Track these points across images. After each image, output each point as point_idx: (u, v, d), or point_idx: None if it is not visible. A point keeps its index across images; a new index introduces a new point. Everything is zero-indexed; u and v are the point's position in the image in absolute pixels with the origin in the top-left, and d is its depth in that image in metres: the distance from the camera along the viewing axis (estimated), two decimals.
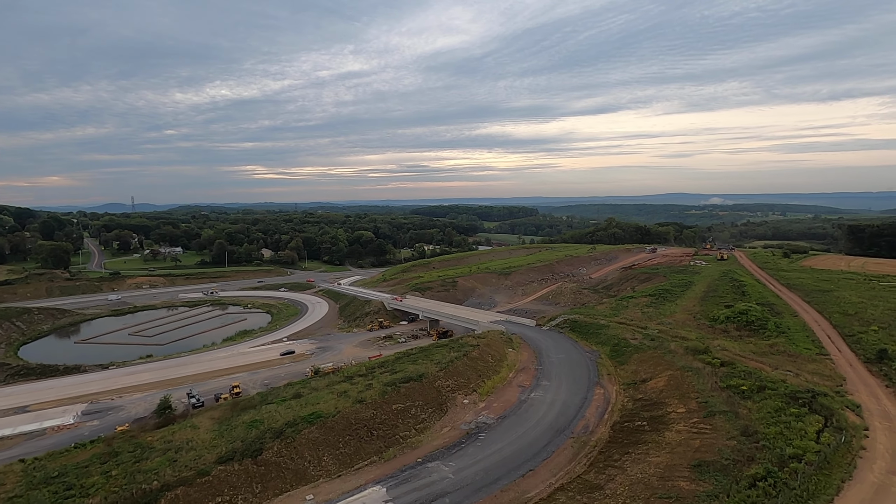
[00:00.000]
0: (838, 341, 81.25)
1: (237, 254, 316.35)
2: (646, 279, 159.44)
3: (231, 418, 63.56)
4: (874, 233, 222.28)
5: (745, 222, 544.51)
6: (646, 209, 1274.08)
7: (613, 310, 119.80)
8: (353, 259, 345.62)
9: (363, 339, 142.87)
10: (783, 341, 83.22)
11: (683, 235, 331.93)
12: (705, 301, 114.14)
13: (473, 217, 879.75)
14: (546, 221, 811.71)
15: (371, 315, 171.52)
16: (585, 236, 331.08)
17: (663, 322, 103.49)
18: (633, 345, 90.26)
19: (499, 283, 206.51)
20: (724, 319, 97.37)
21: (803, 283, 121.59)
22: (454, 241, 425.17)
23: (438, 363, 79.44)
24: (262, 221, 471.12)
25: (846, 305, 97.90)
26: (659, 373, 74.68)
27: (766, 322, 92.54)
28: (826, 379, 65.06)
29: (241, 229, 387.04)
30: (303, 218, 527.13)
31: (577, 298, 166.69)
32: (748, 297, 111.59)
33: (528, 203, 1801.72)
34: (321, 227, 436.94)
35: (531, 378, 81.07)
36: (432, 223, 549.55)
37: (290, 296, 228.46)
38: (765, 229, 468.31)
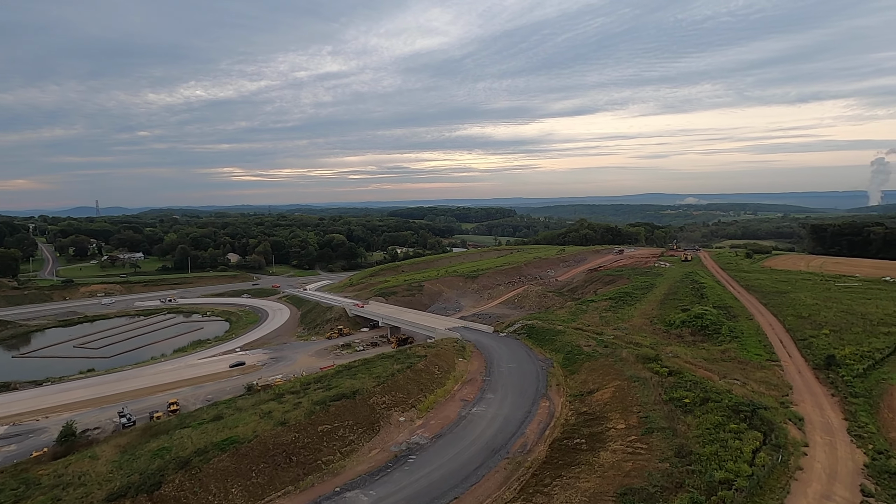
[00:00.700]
0: (790, 346, 79.39)
1: (201, 259, 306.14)
2: (610, 281, 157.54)
3: (138, 446, 57.93)
4: (835, 232, 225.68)
5: (717, 222, 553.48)
6: (623, 209, 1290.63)
7: (572, 314, 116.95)
8: (324, 263, 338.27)
9: (320, 348, 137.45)
10: (735, 347, 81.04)
11: (654, 236, 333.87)
12: (664, 304, 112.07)
13: (451, 218, 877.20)
14: (523, 222, 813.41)
15: (332, 322, 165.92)
16: (558, 237, 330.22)
17: (619, 327, 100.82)
18: (586, 352, 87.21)
19: (466, 286, 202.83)
20: (680, 324, 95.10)
21: (762, 284, 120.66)
22: (428, 243, 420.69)
23: (378, 377, 74.88)
24: (232, 225, 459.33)
25: (801, 308, 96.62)
26: (607, 383, 71.54)
27: (720, 326, 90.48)
28: (772, 388, 62.62)
29: (209, 233, 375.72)
30: (275, 221, 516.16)
31: (542, 302, 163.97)
32: (706, 300, 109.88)
33: (509, 204, 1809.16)
34: (292, 231, 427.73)
35: (477, 390, 77.14)
36: (407, 225, 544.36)
37: (252, 302, 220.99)
38: (735, 229, 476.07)
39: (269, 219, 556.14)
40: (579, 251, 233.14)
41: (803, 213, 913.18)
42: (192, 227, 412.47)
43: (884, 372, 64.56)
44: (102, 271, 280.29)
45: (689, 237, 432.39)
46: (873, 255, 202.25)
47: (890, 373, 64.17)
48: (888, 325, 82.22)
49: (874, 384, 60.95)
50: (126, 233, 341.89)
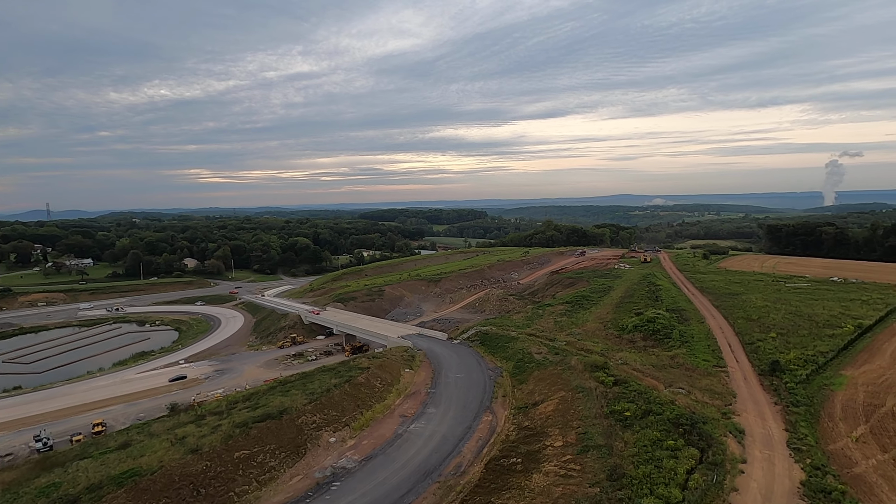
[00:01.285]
0: (738, 350, 78.19)
1: (155, 265, 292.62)
2: (570, 284, 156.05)
3: (25, 482, 51.45)
4: (790, 232, 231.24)
5: (681, 222, 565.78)
6: (593, 210, 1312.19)
7: (528, 319, 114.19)
8: (287, 267, 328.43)
9: (270, 358, 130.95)
10: (684, 352, 79.38)
11: (620, 237, 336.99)
12: (619, 308, 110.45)
13: (423, 220, 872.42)
14: (494, 224, 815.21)
15: (286, 330, 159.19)
16: (525, 239, 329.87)
17: (573, 333, 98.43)
18: (537, 360, 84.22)
19: (428, 290, 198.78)
20: (632, 328, 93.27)
21: (716, 286, 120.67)
22: (396, 245, 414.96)
23: (311, 393, 69.86)
24: (193, 228, 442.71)
25: (751, 310, 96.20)
26: (553, 394, 68.50)
27: (671, 331, 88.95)
28: (716, 397, 60.64)
29: (166, 238, 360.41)
30: (238, 224, 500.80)
31: (503, 306, 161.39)
32: (661, 303, 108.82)
33: (482, 205, 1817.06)
34: (255, 234, 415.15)
35: (419, 404, 72.97)
36: (376, 228, 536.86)
37: (206, 310, 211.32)
38: (698, 229, 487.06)
39: (234, 222, 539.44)
40: (543, 253, 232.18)
41: (763, 213, 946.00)
42: (148, 232, 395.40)
43: (826, 377, 63.51)
44: (46, 279, 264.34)
45: (653, 238, 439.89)
46: (825, 254, 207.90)
47: (832, 378, 63.14)
48: (833, 326, 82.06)
49: (816, 391, 59.66)
50: (75, 237, 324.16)
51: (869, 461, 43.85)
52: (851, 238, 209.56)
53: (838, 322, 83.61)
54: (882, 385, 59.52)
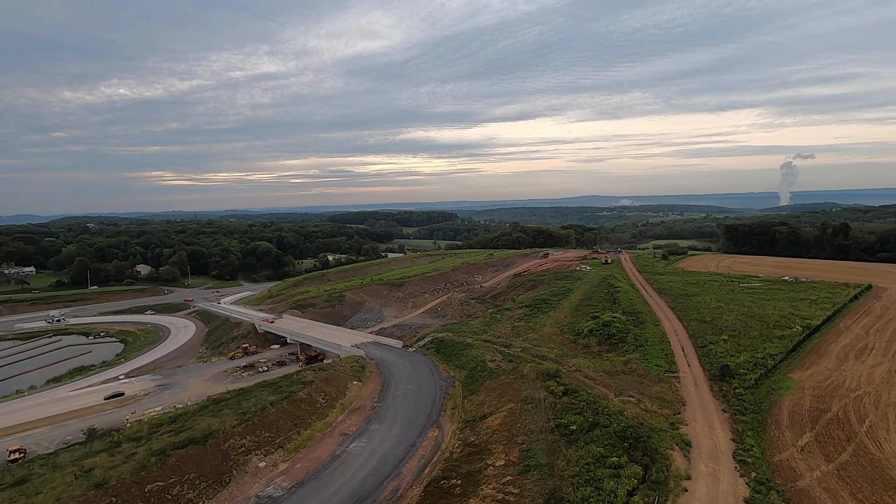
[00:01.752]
0: (691, 354, 77.11)
1: (104, 272, 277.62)
2: (531, 287, 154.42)
3: None
4: (746, 232, 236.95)
5: (645, 223, 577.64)
6: (562, 211, 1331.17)
7: (486, 325, 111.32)
8: (248, 273, 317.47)
9: (219, 371, 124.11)
10: (638, 357, 77.78)
11: (585, 238, 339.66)
12: (577, 311, 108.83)
13: (392, 223, 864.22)
14: (464, 226, 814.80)
15: (238, 340, 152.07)
16: (491, 241, 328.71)
17: (529, 338, 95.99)
18: (490, 368, 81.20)
19: (390, 295, 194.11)
20: (588, 333, 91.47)
21: (673, 287, 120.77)
22: (363, 249, 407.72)
23: (244, 413, 64.68)
24: (148, 233, 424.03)
25: (705, 311, 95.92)
26: (502, 405, 65.47)
27: (626, 334, 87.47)
28: (665, 406, 58.79)
29: (118, 243, 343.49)
30: (199, 228, 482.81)
31: (464, 310, 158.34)
32: (618, 306, 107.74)
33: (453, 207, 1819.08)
34: (215, 239, 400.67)
35: (362, 420, 68.74)
36: (344, 230, 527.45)
37: (156, 319, 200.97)
38: (661, 229, 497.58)
39: (193, 226, 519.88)
40: (508, 255, 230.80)
41: (723, 213, 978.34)
42: (100, 237, 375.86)
43: (774, 381, 62.64)
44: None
45: (618, 238, 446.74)
46: (779, 253, 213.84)
47: (780, 381, 62.31)
48: (782, 327, 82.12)
49: (764, 396, 58.52)
50: (16, 244, 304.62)
51: (813, 473, 42.30)
52: (803, 237, 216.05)
53: (788, 323, 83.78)
54: (828, 388, 58.89)
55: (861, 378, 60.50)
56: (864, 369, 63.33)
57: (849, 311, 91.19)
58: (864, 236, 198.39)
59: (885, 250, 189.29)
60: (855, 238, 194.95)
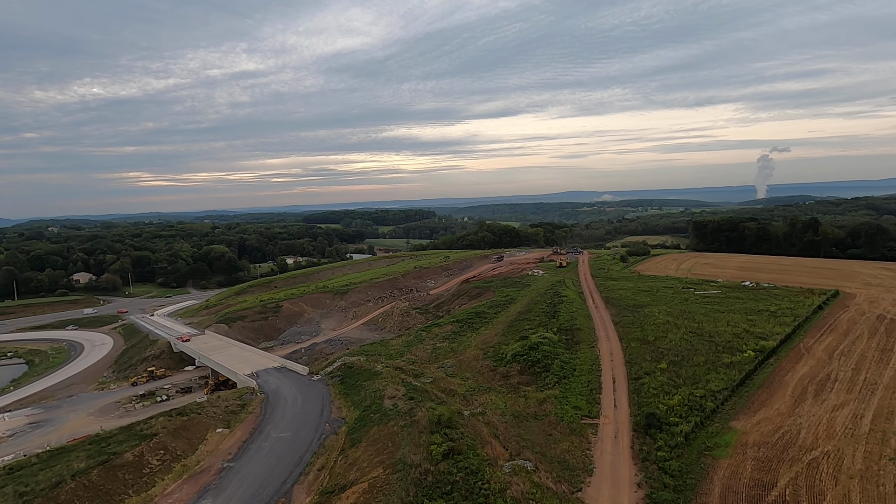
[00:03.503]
0: (621, 388, 63.38)
1: (36, 282, 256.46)
2: (476, 295, 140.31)
3: None
4: (715, 228, 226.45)
5: (621, 219, 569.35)
6: (544, 207, 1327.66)
7: (407, 345, 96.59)
8: (198, 279, 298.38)
9: (112, 401, 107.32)
10: (558, 394, 63.82)
11: (555, 236, 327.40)
12: (510, 328, 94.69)
13: (369, 222, 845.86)
14: (442, 224, 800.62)
15: (149, 361, 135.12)
16: (457, 241, 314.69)
17: (446, 365, 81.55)
18: (385, 409, 66.54)
19: (332, 304, 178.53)
20: (511, 358, 77.31)
21: (622, 295, 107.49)
22: (327, 251, 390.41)
23: (23, 495, 48.84)
24: (100, 238, 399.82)
25: (650, 328, 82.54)
26: (371, 470, 50.82)
27: (553, 361, 73.50)
28: (567, 475, 44.70)
29: (60, 250, 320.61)
30: (155, 232, 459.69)
31: (404, 322, 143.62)
32: (556, 320, 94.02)
33: (436, 205, 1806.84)
34: (168, 243, 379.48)
35: (196, 490, 53.49)
36: (312, 231, 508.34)
37: (76, 335, 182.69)
38: (636, 225, 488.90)
39: (152, 229, 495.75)
40: (466, 258, 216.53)
41: (701, 206, 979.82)
42: (42, 243, 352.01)
43: (711, 433, 49.07)
44: None
45: (593, 235, 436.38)
46: (748, 250, 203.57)
47: (718, 435, 48.73)
48: (733, 350, 68.96)
49: (695, 460, 44.79)
50: None
51: None
52: (772, 233, 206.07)
53: (740, 344, 70.67)
54: (777, 445, 45.40)
55: (820, 428, 47.24)
56: (824, 413, 50.14)
57: (812, 326, 78.65)
58: (834, 231, 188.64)
59: (856, 246, 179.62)
60: (825, 234, 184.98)
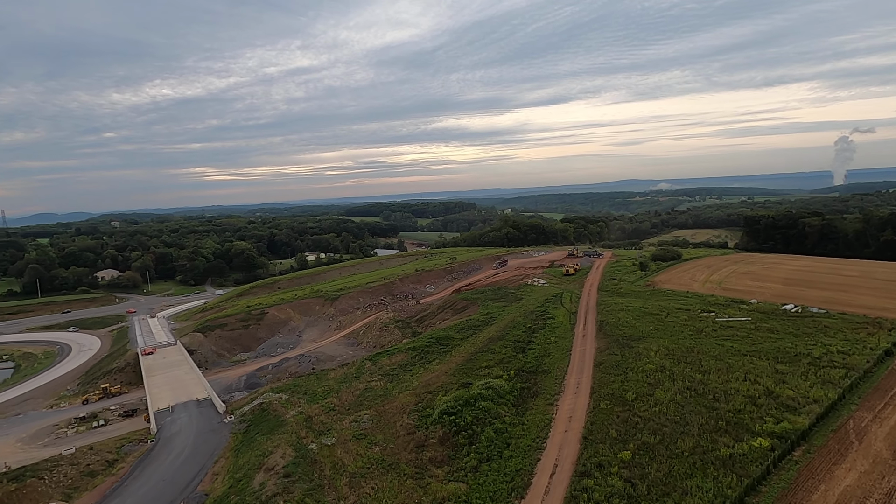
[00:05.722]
0: (556, 491, 43.27)
1: (61, 279, 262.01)
2: (462, 308, 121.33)
3: None
4: (769, 225, 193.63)
5: (669, 211, 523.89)
6: (593, 197, 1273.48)
7: (342, 381, 79.61)
8: (217, 276, 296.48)
9: (49, 423, 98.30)
10: (467, 490, 44.76)
11: (588, 231, 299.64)
12: (465, 366, 75.49)
13: (408, 214, 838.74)
14: (482, 216, 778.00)
15: (112, 374, 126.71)
16: (480, 237, 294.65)
17: (361, 419, 63.82)
18: (247, 491, 50.33)
19: (322, 311, 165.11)
20: (437, 418, 58.50)
21: (622, 320, 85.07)
22: (350, 247, 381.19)
23: None
24: (139, 234, 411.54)
25: (635, 378, 60.96)
26: None
27: (485, 427, 54.19)
28: None
29: (93, 246, 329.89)
30: (191, 227, 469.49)
31: (381, 337, 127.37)
32: (525, 355, 74.03)
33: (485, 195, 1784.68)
34: (201, 237, 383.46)
35: None
36: (344, 226, 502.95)
37: (71, 338, 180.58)
38: (687, 217, 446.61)
39: (190, 224, 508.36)
40: (475, 259, 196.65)
41: (767, 195, 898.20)
42: (82, 239, 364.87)
43: None
44: None
45: (637, 229, 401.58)
46: (809, 251, 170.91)
47: None
48: (740, 430, 46.77)
49: None
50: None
51: None
52: (840, 231, 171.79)
53: (753, 419, 48.29)
54: None
55: None
56: None
57: (872, 387, 54.33)
58: None
59: None
60: None
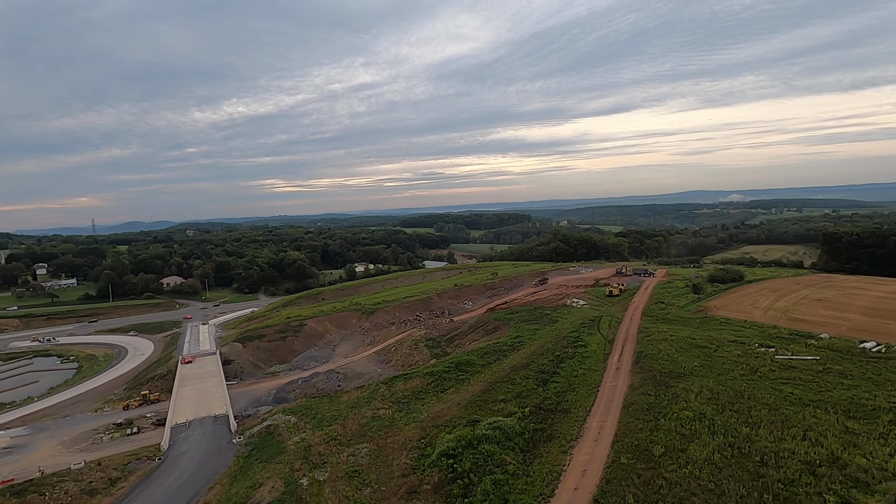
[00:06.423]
0: None
1: (130, 285, 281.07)
2: (493, 329, 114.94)
3: None
4: (853, 242, 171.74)
5: (738, 224, 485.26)
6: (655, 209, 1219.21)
7: (353, 404, 75.93)
8: (269, 285, 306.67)
9: (88, 429, 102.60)
10: None
11: (645, 247, 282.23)
12: (480, 397, 69.45)
13: (461, 226, 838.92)
14: (536, 228, 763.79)
15: (154, 381, 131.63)
16: (528, 251, 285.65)
17: (360, 452, 59.48)
18: None
19: (358, 324, 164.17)
20: (435, 460, 52.99)
21: (663, 352, 75.54)
22: (399, 258, 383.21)
23: None
24: (205, 242, 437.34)
25: (668, 426, 52.37)
26: None
27: (483, 478, 47.99)
28: None
29: (162, 254, 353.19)
30: (252, 236, 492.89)
31: (410, 356, 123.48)
32: (546, 388, 66.99)
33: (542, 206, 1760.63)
34: (259, 247, 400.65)
35: None
36: (395, 237, 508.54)
37: (130, 342, 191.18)
38: (759, 232, 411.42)
39: (252, 234, 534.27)
40: (518, 274, 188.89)
41: (857, 207, 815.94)
42: (155, 247, 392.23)
43: None
44: (18, 302, 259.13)
45: (700, 244, 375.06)
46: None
47: None
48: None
49: None
50: (66, 257, 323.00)
51: None
52: None
53: (805, 500, 38.91)
54: None
55: None
56: None
57: None
58: None
59: None
60: None
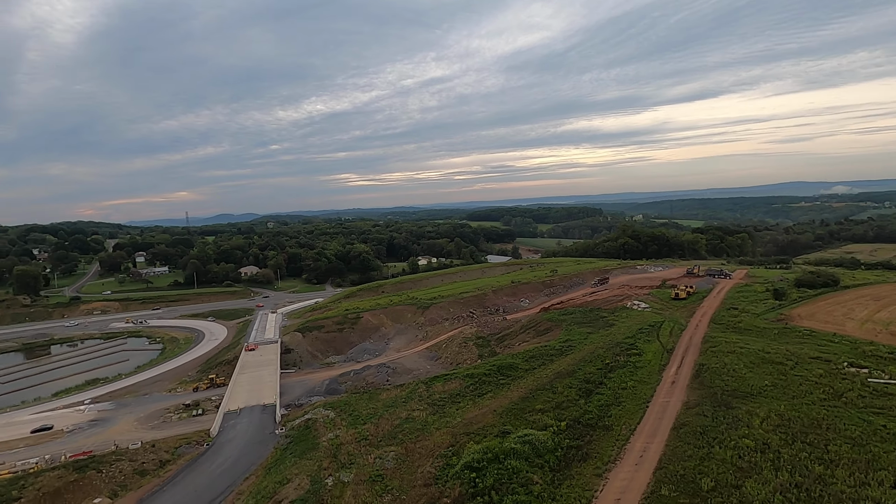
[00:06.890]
0: None
1: (212, 274, 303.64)
2: (545, 330, 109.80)
3: None
4: None
5: (842, 220, 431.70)
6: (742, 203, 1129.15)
7: (391, 403, 75.15)
8: (336, 276, 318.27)
9: (160, 407, 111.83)
10: None
11: (725, 244, 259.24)
12: (518, 405, 65.72)
13: (528, 219, 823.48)
14: (607, 223, 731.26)
15: (222, 366, 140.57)
16: (594, 247, 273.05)
17: (386, 456, 58.22)
18: None
19: (413, 319, 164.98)
20: (459, 471, 50.30)
21: (728, 366, 67.22)
22: (462, 252, 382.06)
23: None
24: (281, 234, 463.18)
25: (722, 457, 45.87)
26: None
27: (502, 498, 44.66)
28: None
29: (242, 245, 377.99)
30: (324, 229, 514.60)
31: (460, 354, 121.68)
32: (589, 400, 62.02)
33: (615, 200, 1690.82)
34: (330, 239, 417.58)
35: None
36: (460, 231, 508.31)
37: (208, 326, 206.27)
38: (866, 228, 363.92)
39: (324, 226, 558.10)
40: (578, 273, 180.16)
41: None
42: (236, 238, 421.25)
43: None
44: (120, 287, 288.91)
45: (794, 241, 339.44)
46: None
47: None
48: None
49: None
50: (160, 247, 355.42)
51: None
52: None
53: None
54: None
55: None
56: None
57: None
58: None
59: None
60: None
